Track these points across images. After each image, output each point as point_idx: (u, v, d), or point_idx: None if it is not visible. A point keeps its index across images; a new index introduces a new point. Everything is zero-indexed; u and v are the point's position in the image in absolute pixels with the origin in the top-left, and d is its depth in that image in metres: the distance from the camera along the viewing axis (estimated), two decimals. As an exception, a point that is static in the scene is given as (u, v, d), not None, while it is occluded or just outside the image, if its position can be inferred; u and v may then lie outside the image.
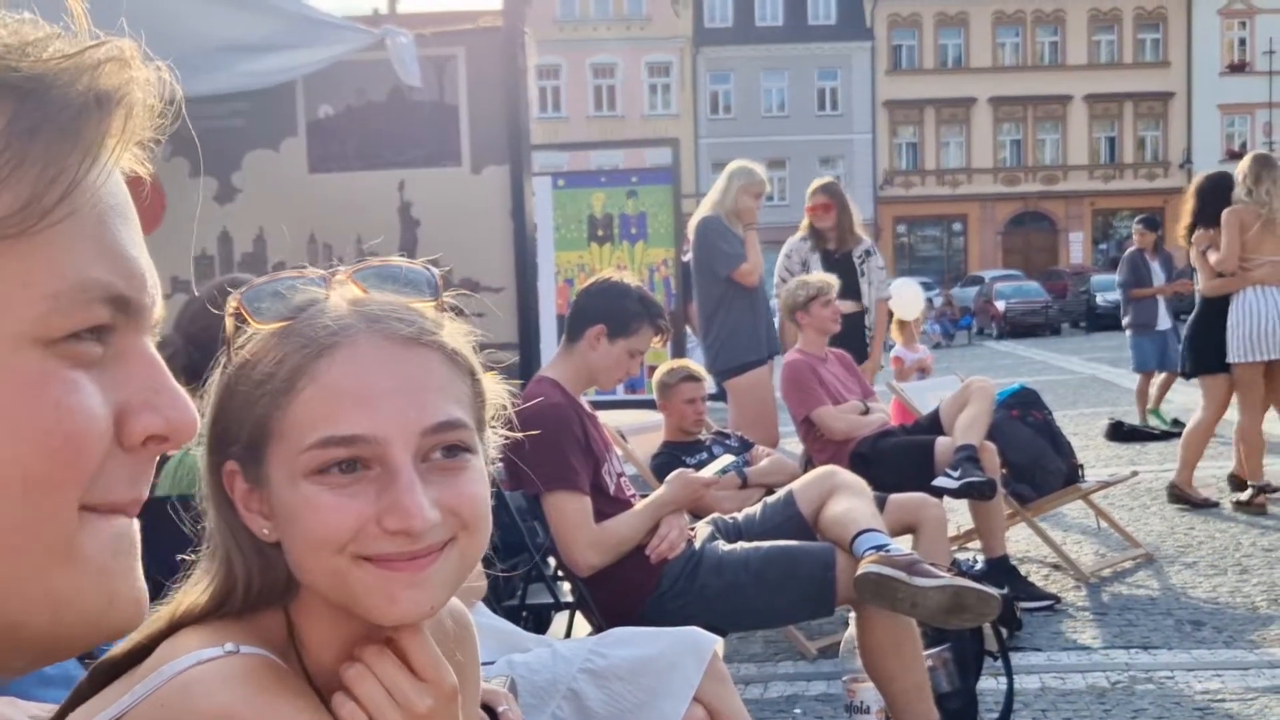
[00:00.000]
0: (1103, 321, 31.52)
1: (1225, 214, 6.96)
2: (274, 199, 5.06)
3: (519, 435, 1.19)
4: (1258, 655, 4.38)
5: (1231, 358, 6.98)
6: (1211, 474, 7.67)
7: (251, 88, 4.70)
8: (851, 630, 3.37)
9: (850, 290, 7.05)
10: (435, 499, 1.02)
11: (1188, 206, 7.34)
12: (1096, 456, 9.28)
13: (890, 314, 8.74)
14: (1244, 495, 6.96)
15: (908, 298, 10.62)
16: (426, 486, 1.02)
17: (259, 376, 1.03)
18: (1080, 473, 6.15)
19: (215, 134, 4.85)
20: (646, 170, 9.35)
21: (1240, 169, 7.07)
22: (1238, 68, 51.62)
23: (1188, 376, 7.64)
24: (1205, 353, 7.16)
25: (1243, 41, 51.75)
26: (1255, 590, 5.26)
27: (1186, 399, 11.55)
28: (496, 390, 1.12)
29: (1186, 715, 3.83)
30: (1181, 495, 7.23)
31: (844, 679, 3.52)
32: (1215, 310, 7.06)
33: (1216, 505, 7.08)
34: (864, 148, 51.04)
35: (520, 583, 4.19)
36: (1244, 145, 49.99)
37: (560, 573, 3.87)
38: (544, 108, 46.77)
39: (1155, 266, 11.00)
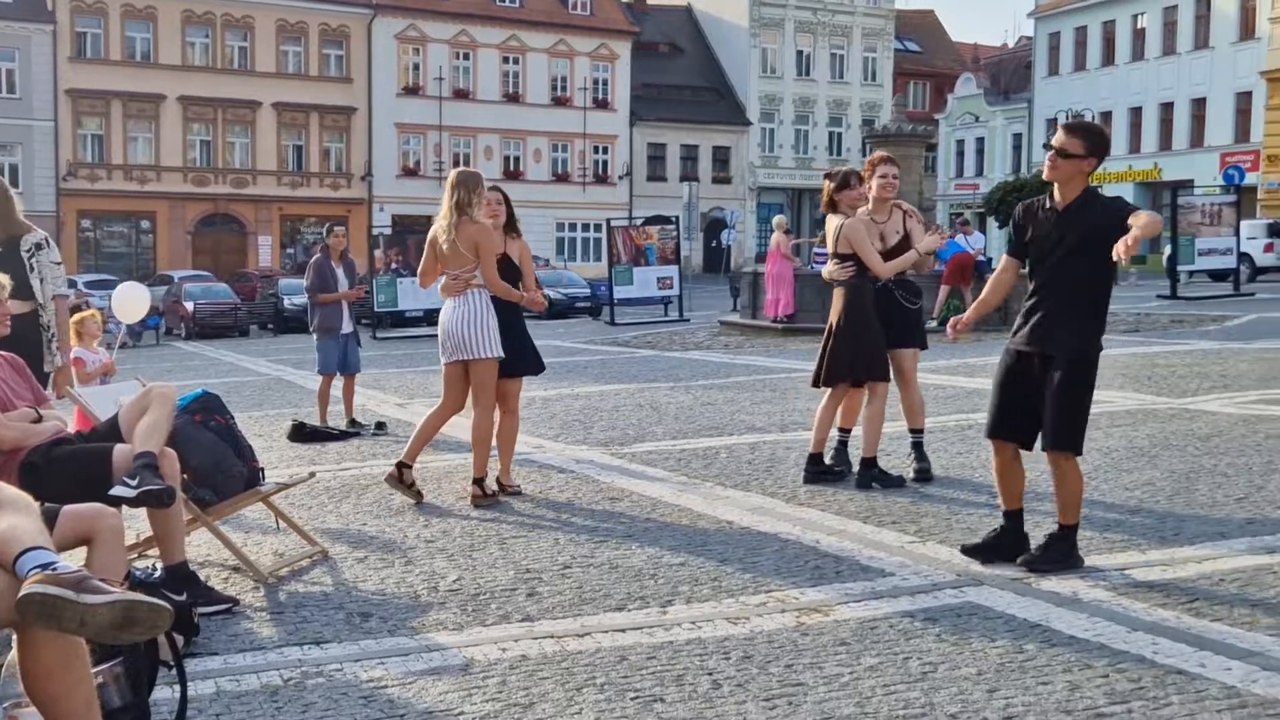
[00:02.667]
0: (290, 324, 32.26)
1: None
2: None
3: None
4: (417, 641, 4.77)
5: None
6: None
7: None
8: (14, 654, 3.20)
9: (22, 288, 6.62)
10: None
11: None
12: (279, 458, 9.51)
13: (71, 312, 8.34)
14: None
15: (134, 298, 10.15)
16: None
17: None
18: (261, 475, 6.32)
19: None
20: None
21: None
22: (413, 90, 55.27)
23: None
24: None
25: (417, 66, 55.52)
26: (418, 580, 5.71)
27: (365, 399, 12.19)
28: None
29: (352, 704, 4.09)
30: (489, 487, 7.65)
31: (4, 705, 3.34)
32: None
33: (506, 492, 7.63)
34: (45, 135, 48.05)
35: None
36: (418, 163, 53.73)
37: None
38: None
39: (340, 273, 11.47)
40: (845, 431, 7.90)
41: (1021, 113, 61.97)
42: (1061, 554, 5.43)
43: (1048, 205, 5.55)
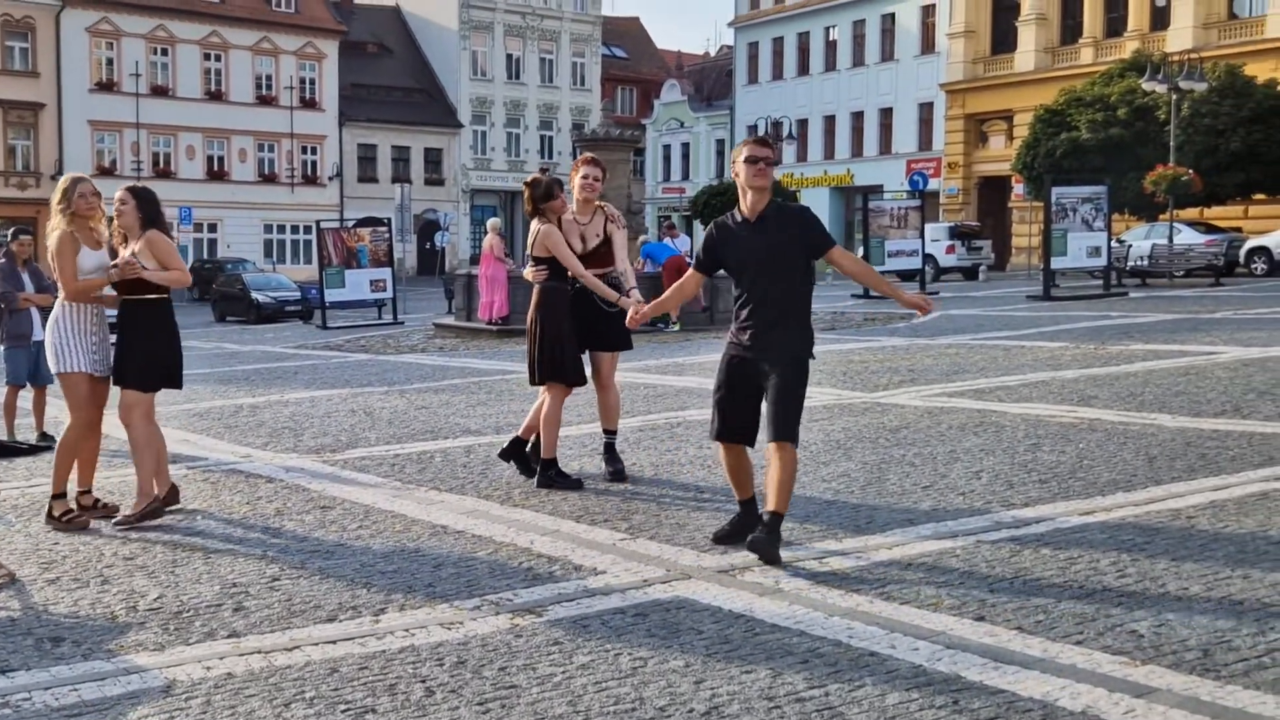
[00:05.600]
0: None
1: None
2: None
3: None
4: (115, 664, 4.55)
5: None
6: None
7: None
8: None
9: None
10: None
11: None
12: (-41, 478, 8.91)
13: None
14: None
15: None
16: None
17: None
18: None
19: None
20: None
21: None
22: (107, 86, 52.65)
23: None
24: None
25: (111, 61, 52.94)
26: (115, 599, 5.45)
27: (58, 409, 11.54)
28: None
29: (43, 733, 3.87)
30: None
31: None
32: None
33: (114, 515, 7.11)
34: None
35: None
36: (115, 161, 51.20)
37: None
38: None
39: (25, 277, 10.86)
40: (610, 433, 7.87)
41: (724, 119, 63.95)
42: (778, 535, 5.63)
43: (738, 219, 5.80)
